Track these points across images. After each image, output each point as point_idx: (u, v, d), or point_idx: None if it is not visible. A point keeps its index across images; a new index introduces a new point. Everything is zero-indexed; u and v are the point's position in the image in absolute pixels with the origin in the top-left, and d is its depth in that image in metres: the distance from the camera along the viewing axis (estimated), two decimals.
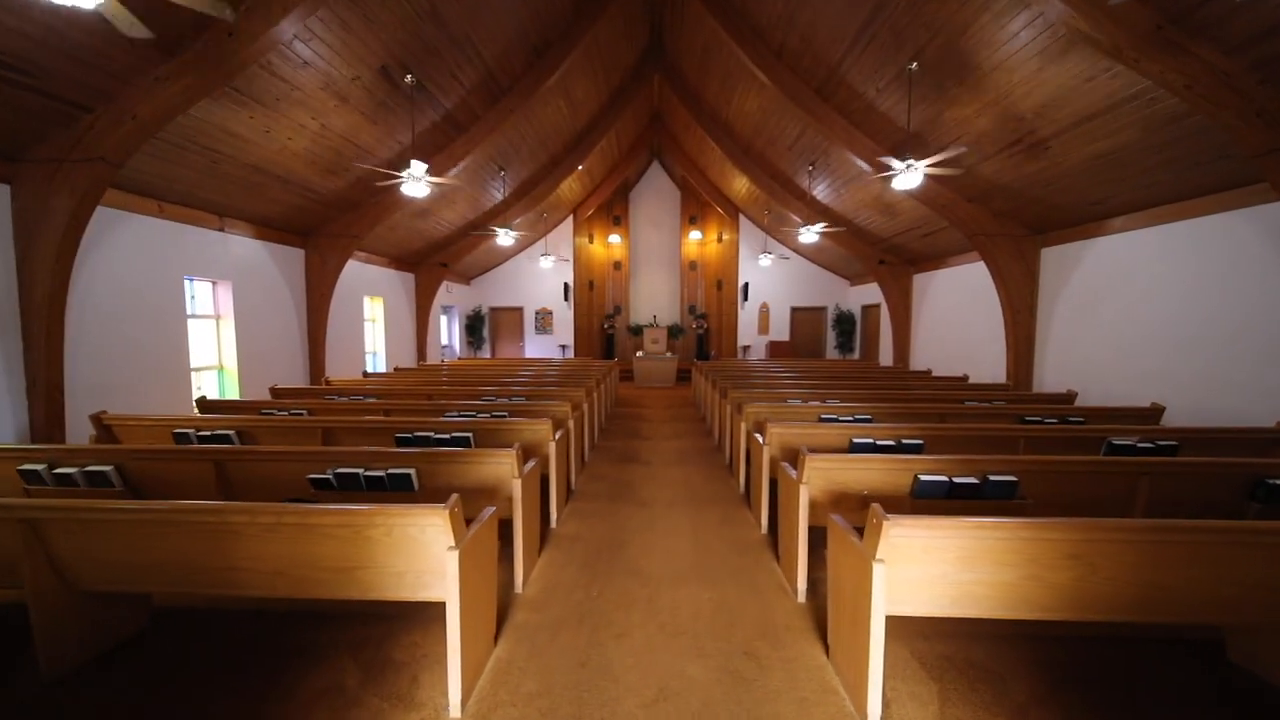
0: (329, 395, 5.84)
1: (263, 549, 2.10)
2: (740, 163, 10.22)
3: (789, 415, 4.73)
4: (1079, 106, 4.68)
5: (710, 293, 14.94)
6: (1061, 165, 5.60)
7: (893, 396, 5.83)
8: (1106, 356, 6.03)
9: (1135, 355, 5.62)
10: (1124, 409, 4.76)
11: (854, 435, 3.72)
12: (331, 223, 7.67)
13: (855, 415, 4.61)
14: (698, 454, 6.20)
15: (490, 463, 2.96)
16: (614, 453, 6.25)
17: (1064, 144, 5.24)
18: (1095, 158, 5.19)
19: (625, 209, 15.14)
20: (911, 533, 1.90)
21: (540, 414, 4.62)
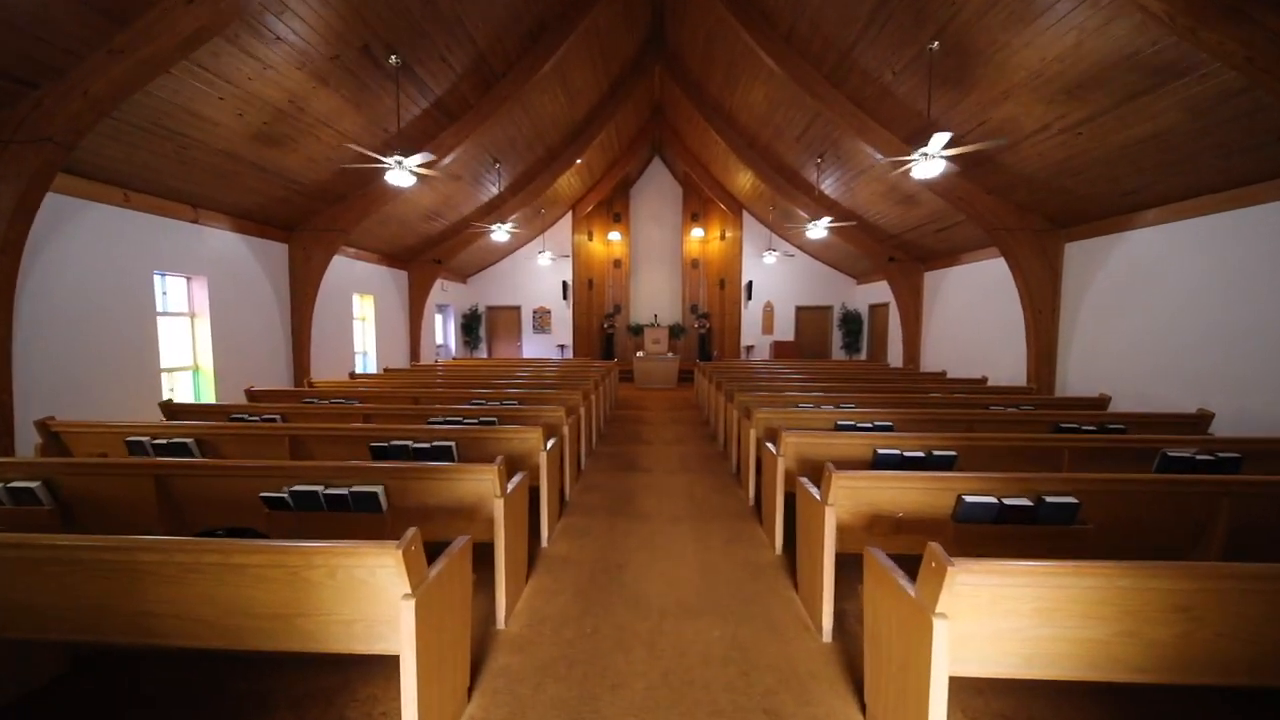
0: (309, 399, 5.46)
1: (182, 592, 1.72)
2: (745, 156, 9.85)
3: (802, 421, 4.35)
4: (1118, 87, 4.30)
5: (712, 292, 14.56)
6: (1093, 153, 5.21)
7: (910, 401, 5.45)
8: (1138, 358, 5.64)
9: (1172, 357, 5.23)
10: (1166, 415, 4.37)
11: (877, 445, 3.34)
12: (316, 216, 7.30)
13: (874, 422, 4.22)
14: (701, 460, 5.82)
15: (469, 480, 2.58)
16: (613, 459, 5.87)
17: (1098, 129, 4.85)
18: (1132, 144, 4.81)
19: (626, 206, 14.75)
20: (980, 580, 1.52)
21: (532, 420, 4.24)
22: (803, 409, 4.88)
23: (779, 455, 3.44)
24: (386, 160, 5.20)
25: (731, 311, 13.90)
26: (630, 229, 14.86)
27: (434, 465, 2.65)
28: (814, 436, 3.46)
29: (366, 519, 2.62)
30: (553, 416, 4.39)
